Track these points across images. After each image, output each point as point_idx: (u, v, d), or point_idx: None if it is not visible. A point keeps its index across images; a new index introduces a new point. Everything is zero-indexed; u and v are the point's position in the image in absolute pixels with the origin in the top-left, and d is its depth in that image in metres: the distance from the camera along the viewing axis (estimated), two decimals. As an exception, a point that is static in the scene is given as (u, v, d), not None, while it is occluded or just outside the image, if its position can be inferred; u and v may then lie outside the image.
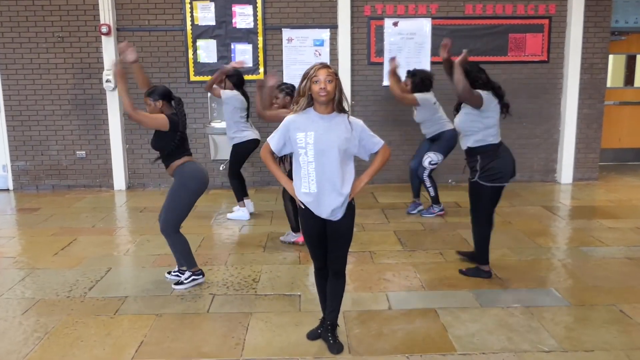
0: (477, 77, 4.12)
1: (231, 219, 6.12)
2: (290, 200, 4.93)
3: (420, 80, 6.08)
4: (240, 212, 6.15)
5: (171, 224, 4.08)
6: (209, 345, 3.30)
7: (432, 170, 6.15)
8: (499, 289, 4.10)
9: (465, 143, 4.22)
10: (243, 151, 6.03)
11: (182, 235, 4.15)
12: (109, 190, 7.84)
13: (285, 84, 5.19)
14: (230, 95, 5.88)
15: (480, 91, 4.09)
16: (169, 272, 4.35)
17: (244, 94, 5.97)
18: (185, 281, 4.17)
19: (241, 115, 5.93)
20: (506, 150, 4.19)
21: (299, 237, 5.04)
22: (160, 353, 3.21)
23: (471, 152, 4.18)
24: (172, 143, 4.03)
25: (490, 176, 4.08)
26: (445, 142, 6.06)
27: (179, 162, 4.08)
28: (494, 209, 4.27)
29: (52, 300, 3.96)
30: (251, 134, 6.01)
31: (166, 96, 4.14)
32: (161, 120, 4.00)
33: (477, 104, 4.07)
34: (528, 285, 4.17)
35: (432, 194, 6.21)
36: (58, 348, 3.27)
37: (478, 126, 4.12)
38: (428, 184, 6.18)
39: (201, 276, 4.22)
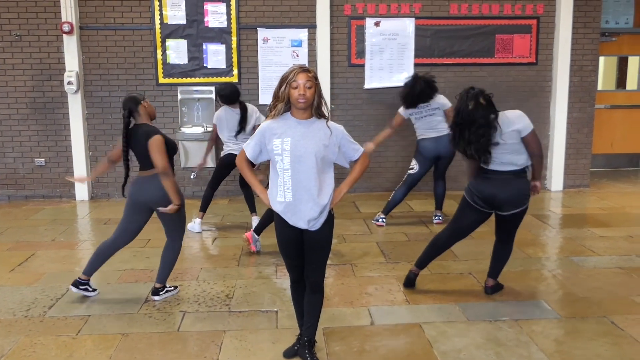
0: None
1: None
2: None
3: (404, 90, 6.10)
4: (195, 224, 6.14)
5: None
6: (180, 365, 3.29)
7: (409, 176, 6.19)
8: (487, 302, 4.17)
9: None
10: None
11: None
12: (70, 200, 7.76)
13: None
14: (217, 114, 6.08)
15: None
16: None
17: (241, 107, 6.01)
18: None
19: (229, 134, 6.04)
20: (493, 178, 3.96)
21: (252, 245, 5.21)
22: (126, 375, 3.20)
23: None
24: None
25: (468, 190, 4.09)
26: (418, 151, 6.20)
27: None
28: (462, 229, 4.24)
29: (9, 320, 3.91)
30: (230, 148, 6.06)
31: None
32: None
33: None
34: (517, 297, 4.24)
35: (391, 202, 6.27)
36: (15, 371, 3.24)
37: None
38: (396, 187, 6.32)
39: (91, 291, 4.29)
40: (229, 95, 5.95)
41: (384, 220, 6.28)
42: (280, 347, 3.44)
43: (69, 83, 7.37)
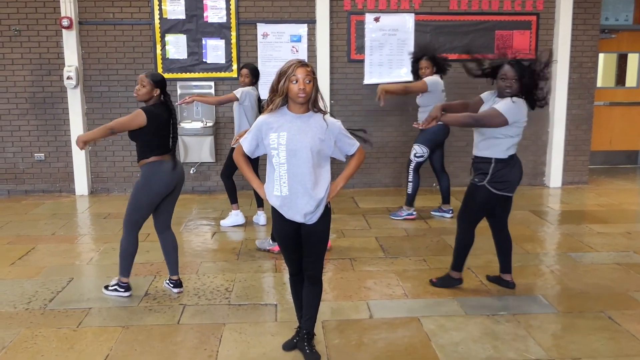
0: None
1: (226, 226, 6.16)
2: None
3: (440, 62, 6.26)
4: (234, 217, 6.18)
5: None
6: (180, 358, 3.32)
7: (418, 164, 6.23)
8: (485, 296, 4.21)
9: (481, 149, 4.05)
10: None
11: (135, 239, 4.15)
12: (70, 195, 7.79)
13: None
14: (247, 90, 5.91)
15: (503, 104, 3.94)
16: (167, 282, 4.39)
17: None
18: (110, 288, 4.25)
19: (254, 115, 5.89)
20: (518, 161, 4.09)
21: (275, 247, 5.08)
22: (127, 367, 3.23)
23: (483, 158, 4.05)
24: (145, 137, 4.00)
25: (500, 184, 3.99)
26: (429, 134, 6.10)
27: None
28: (481, 219, 4.28)
29: (9, 313, 3.94)
30: None
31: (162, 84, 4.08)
32: (140, 117, 3.94)
33: (500, 123, 3.89)
34: (515, 292, 4.27)
35: (409, 191, 6.30)
36: (16, 363, 3.27)
37: (500, 134, 3.95)
38: (410, 178, 6.27)
39: (125, 291, 4.21)
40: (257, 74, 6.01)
41: (415, 212, 6.39)
42: (280, 339, 3.47)
43: (68, 78, 7.39)
